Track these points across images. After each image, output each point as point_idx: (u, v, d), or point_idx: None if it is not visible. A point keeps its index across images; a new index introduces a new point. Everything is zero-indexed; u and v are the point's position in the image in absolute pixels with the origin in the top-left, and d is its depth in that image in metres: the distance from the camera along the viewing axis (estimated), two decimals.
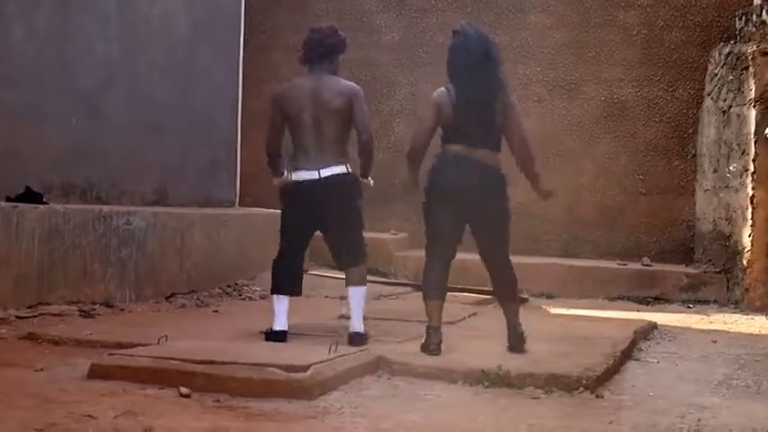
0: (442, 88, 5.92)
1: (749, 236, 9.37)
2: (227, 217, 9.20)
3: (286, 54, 6.64)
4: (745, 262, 9.41)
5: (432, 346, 5.65)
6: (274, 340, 5.95)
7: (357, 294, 6.14)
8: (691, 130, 11.01)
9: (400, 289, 9.37)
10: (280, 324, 6.05)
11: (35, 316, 6.70)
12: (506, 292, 6.04)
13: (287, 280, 6.19)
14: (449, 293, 6.06)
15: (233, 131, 10.29)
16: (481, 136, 5.82)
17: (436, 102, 5.90)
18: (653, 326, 7.71)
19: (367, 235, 6.40)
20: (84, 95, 8.26)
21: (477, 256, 6.01)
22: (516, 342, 5.87)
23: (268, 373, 4.68)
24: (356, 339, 5.91)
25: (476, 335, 6.63)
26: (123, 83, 8.73)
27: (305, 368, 4.74)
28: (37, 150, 7.68)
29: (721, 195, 9.97)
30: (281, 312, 6.08)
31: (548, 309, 9.24)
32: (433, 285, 5.87)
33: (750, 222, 9.37)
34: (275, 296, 6.16)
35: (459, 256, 6.05)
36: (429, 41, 11.52)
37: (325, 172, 6.11)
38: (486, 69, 5.89)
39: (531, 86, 11.50)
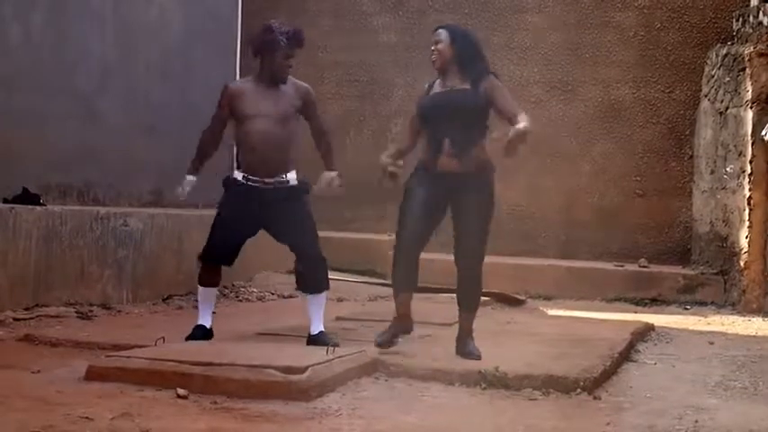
0: None
1: (746, 237, 9.38)
2: None
3: None
4: (742, 263, 9.41)
5: None
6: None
7: None
8: (688, 132, 11.01)
9: None
10: None
11: (32, 318, 6.70)
12: None
13: None
14: (447, 295, 6.07)
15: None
16: None
17: None
18: (650, 327, 7.71)
19: (363, 236, 6.41)
20: (80, 97, 8.26)
21: None
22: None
23: (265, 374, 4.68)
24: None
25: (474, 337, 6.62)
26: (120, 84, 8.73)
27: (302, 370, 4.73)
28: (34, 151, 7.68)
29: (718, 197, 9.98)
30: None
31: (545, 310, 9.25)
32: None
33: (747, 224, 9.37)
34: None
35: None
36: (427, 42, 11.48)
37: None
38: None
39: (528, 88, 11.50)
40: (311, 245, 6.11)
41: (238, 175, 6.12)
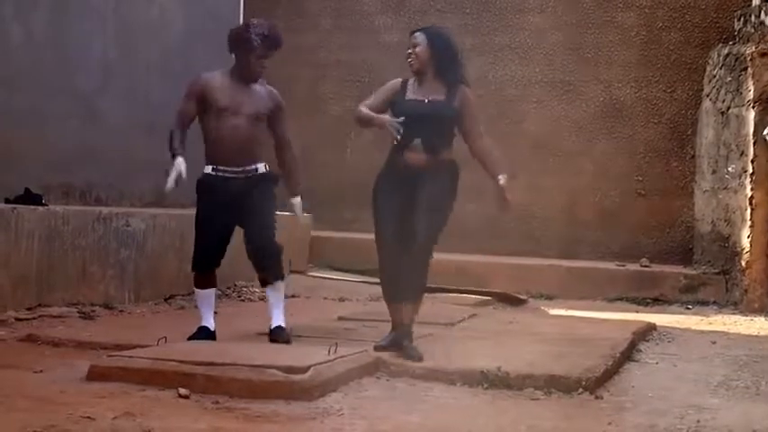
0: None
1: (748, 237, 9.37)
2: None
3: (284, 55, 6.64)
4: (743, 263, 9.41)
5: None
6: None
7: None
8: (689, 131, 11.00)
9: None
10: None
11: (34, 317, 6.71)
12: None
13: None
14: (448, 294, 6.05)
15: None
16: None
17: None
18: (652, 327, 7.70)
19: (366, 236, 6.39)
20: (81, 96, 8.26)
21: (473, 257, 5.98)
22: None
23: (268, 374, 4.67)
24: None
25: (474, 336, 6.62)
26: (121, 84, 8.74)
27: (304, 369, 4.73)
28: (36, 152, 7.69)
29: (720, 196, 9.97)
30: None
31: (547, 310, 9.24)
32: None
33: (749, 223, 9.36)
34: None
35: (456, 257, 6.05)
36: None
37: None
38: None
39: (529, 87, 11.51)
40: (260, 231, 6.07)
41: (207, 168, 6.13)
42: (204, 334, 6.02)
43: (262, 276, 6.21)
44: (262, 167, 6.14)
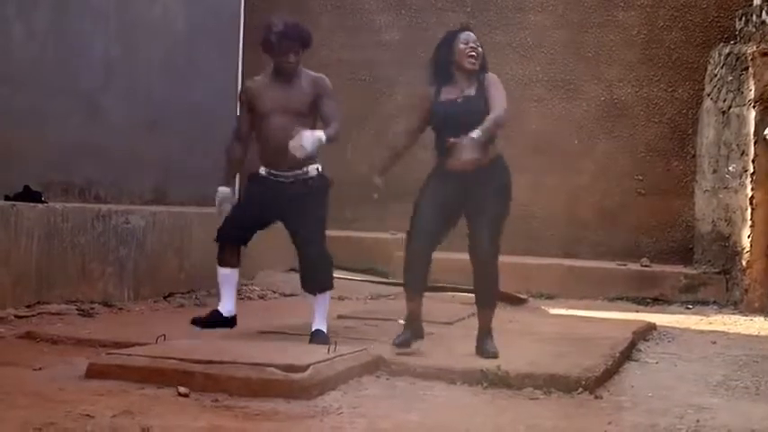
0: None
1: (748, 237, 9.37)
2: None
3: None
4: (744, 263, 9.40)
5: None
6: None
7: None
8: (690, 131, 10.99)
9: (399, 289, 9.35)
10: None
11: (34, 315, 6.71)
12: None
13: None
14: (450, 294, 6.05)
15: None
16: None
17: None
18: (652, 327, 7.70)
19: (367, 235, 6.40)
20: (83, 94, 8.26)
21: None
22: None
23: (267, 372, 4.67)
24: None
25: (475, 335, 6.60)
26: (122, 81, 8.73)
27: (304, 368, 4.73)
28: (36, 149, 7.68)
29: (721, 196, 9.97)
30: None
31: (547, 309, 9.24)
32: None
33: (749, 223, 9.36)
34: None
35: (457, 256, 6.05)
36: (429, 41, 11.46)
37: None
38: None
39: (530, 86, 11.49)
40: (312, 243, 6.10)
41: (262, 171, 6.17)
42: (215, 318, 6.02)
43: (308, 286, 6.19)
44: (314, 170, 6.12)
